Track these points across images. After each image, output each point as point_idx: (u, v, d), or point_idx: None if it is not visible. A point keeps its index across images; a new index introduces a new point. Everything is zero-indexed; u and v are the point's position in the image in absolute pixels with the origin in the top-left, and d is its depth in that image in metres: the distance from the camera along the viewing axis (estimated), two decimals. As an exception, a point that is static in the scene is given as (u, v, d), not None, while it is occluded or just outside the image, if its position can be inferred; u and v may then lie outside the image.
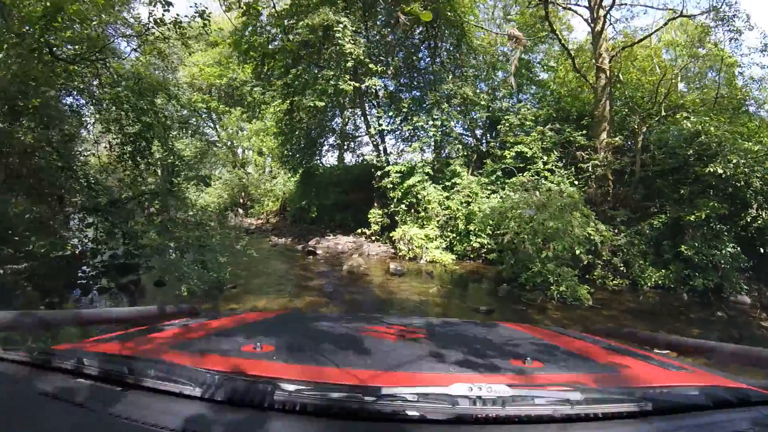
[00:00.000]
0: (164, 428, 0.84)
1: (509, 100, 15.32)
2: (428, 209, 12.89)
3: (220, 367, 1.11)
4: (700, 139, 10.70)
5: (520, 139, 13.57)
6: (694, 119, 11.07)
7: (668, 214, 11.17)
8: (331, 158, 19.99)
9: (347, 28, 11.96)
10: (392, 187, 13.43)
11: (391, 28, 14.49)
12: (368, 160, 17.07)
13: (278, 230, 19.41)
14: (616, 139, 13.30)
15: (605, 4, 13.82)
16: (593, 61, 14.35)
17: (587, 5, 14.19)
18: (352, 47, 11.89)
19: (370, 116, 15.43)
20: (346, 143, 18.71)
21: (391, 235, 13.36)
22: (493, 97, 15.58)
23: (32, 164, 6.78)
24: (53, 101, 7.55)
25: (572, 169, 13.01)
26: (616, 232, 11.41)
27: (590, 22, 14.28)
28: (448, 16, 13.67)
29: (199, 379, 0.97)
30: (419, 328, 2.14)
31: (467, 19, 14.75)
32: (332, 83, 12.13)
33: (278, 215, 22.19)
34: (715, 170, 9.97)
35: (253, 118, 21.30)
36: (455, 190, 13.21)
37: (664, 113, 13.70)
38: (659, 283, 10.63)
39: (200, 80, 25.49)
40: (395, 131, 15.12)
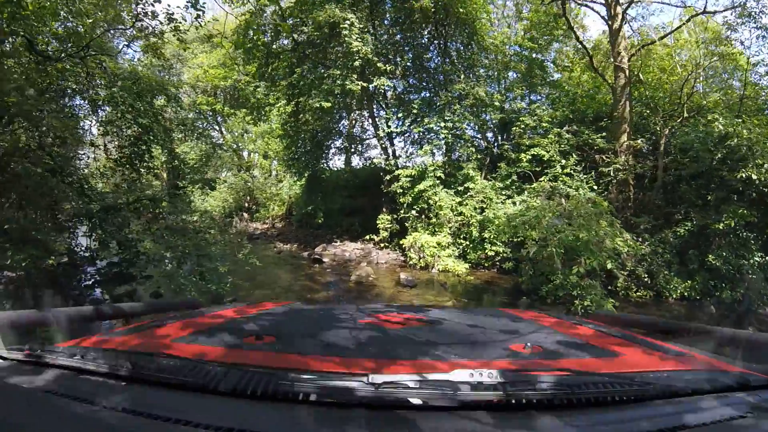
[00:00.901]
0: (168, 420, 0.83)
1: (523, 100, 14.65)
2: (440, 215, 12.28)
3: (222, 359, 1.16)
4: (729, 142, 9.99)
5: (536, 141, 12.95)
6: (724, 121, 10.37)
7: (694, 221, 10.51)
8: (337, 162, 19.46)
9: (354, 25, 11.42)
10: (402, 191, 12.83)
11: (399, 26, 13.95)
12: (376, 163, 16.50)
13: (284, 235, 18.91)
14: (638, 141, 12.69)
15: (622, 0, 13.19)
16: (611, 60, 13.78)
17: (604, 2, 13.55)
18: (359, 45, 11.35)
19: (378, 118, 14.87)
20: (353, 146, 18.16)
21: (401, 242, 12.74)
22: (505, 98, 14.95)
23: (12, 169, 6.26)
24: (35, 101, 7.00)
25: (592, 173, 12.38)
26: (639, 240, 10.76)
27: (607, 19, 13.66)
28: (459, 13, 13.08)
29: (202, 371, 0.98)
30: (420, 316, 2.13)
31: (478, 16, 14.15)
32: (339, 83, 11.59)
33: (284, 220, 21.74)
34: (748, 175, 9.28)
35: (258, 120, 20.86)
36: (468, 195, 12.59)
37: (686, 114, 12.99)
38: (684, 294, 10.03)
39: (204, 82, 25.18)
40: (404, 133, 14.53)
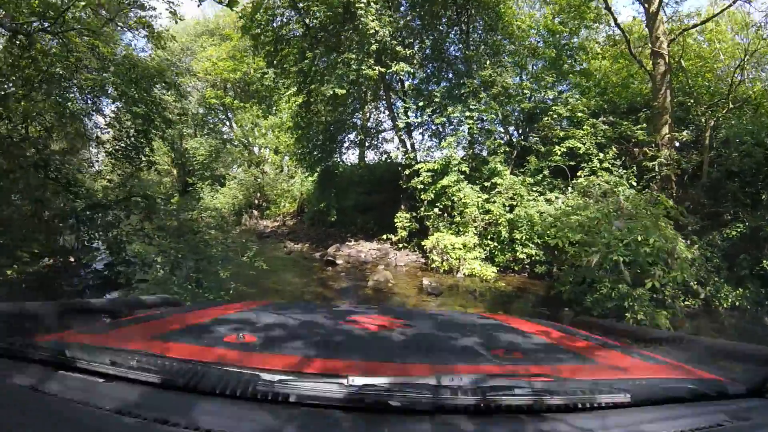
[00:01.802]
0: (147, 419, 0.82)
1: (553, 89, 13.36)
2: (464, 213, 11.14)
3: (203, 357, 1.13)
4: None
5: (571, 132, 11.75)
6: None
7: (746, 222, 9.46)
8: (351, 156, 18.36)
9: (371, 4, 10.30)
10: (423, 187, 11.72)
11: (417, 10, 12.80)
12: (393, 157, 15.50)
13: (294, 234, 17.97)
14: (683, 133, 11.51)
15: (660, -20, 11.90)
16: (647, 46, 12.54)
17: (640, -19, 12.25)
18: (377, 25, 10.23)
19: (395, 109, 13.70)
20: (368, 139, 17.04)
21: (422, 243, 11.61)
22: (533, 87, 13.69)
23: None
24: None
25: (633, 167, 11.24)
26: (688, 243, 9.57)
27: (643, 1, 12.35)
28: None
29: (181, 369, 0.96)
30: (402, 318, 2.10)
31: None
32: (354, 68, 10.49)
33: (295, 217, 20.82)
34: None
35: (267, 111, 20.04)
36: (496, 191, 11.43)
37: (731, 105, 11.70)
38: (735, 303, 8.99)
39: (214, 75, 24.53)
40: (424, 125, 13.36)
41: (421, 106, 12.25)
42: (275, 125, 21.09)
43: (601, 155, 11.44)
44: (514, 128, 14.46)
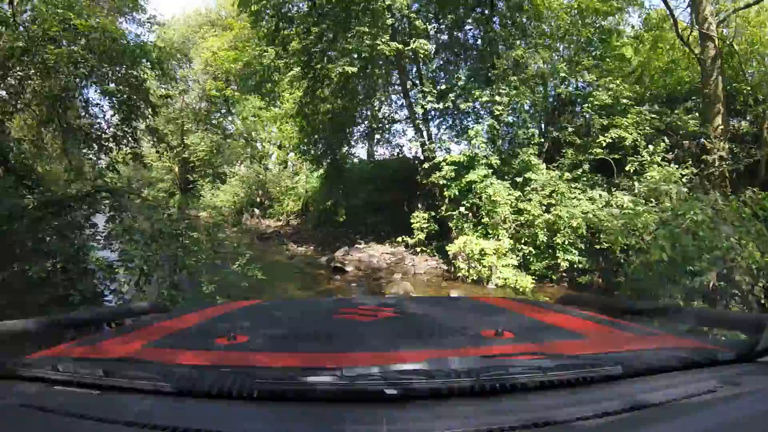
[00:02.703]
0: (145, 427, 0.81)
1: (590, 73, 11.80)
2: (494, 213, 9.59)
3: (195, 361, 1.13)
4: None
5: (616, 121, 10.21)
6: None
7: None
8: (360, 150, 16.75)
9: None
10: (446, 183, 10.16)
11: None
12: (406, 151, 14.05)
13: (299, 235, 16.54)
14: (743, 123, 10.46)
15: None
16: (692, 28, 11.07)
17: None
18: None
19: (412, 98, 12.09)
20: (378, 132, 15.41)
21: (446, 248, 10.02)
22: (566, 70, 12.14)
23: None
24: None
25: (689, 162, 9.73)
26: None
27: (689, -24, 10.92)
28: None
29: (175, 374, 0.96)
30: (392, 307, 2.07)
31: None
32: (368, 43, 8.98)
33: (300, 217, 19.43)
34: None
35: (270, 103, 18.58)
36: (532, 188, 9.88)
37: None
38: None
39: (214, 66, 23.36)
40: (446, 112, 11.74)
41: (443, 90, 10.66)
42: (278, 116, 19.64)
43: (650, 147, 9.93)
44: (546, 115, 12.89)
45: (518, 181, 10.19)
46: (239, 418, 0.84)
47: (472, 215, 10.21)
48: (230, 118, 25.07)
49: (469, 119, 11.88)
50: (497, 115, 10.29)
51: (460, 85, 10.72)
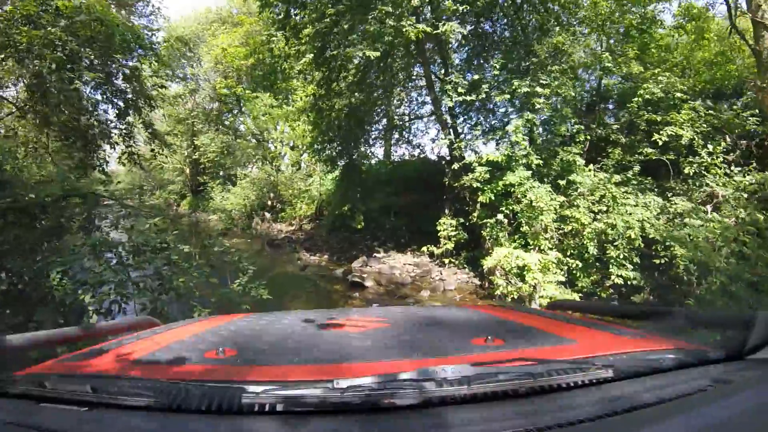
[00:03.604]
0: None
1: (638, 62, 10.46)
2: (535, 222, 8.32)
3: (184, 375, 1.11)
4: None
5: (671, 117, 8.90)
6: None
7: None
8: (378, 150, 15.56)
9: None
10: (479, 186, 8.91)
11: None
12: (428, 151, 12.85)
13: (312, 241, 15.40)
14: None
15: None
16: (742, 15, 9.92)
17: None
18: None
19: (438, 91, 10.86)
20: (397, 131, 14.18)
21: (482, 262, 8.73)
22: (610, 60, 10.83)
23: None
24: None
25: (753, 163, 8.55)
26: None
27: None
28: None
29: (164, 390, 0.93)
30: (381, 318, 2.01)
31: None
32: (391, 24, 7.81)
33: (313, 221, 18.32)
34: None
35: (283, 100, 17.58)
36: (578, 192, 8.60)
37: None
38: None
39: (225, 64, 22.60)
40: (473, 106, 10.49)
41: (475, 80, 9.40)
42: (290, 113, 18.62)
43: (709, 147, 8.62)
44: (583, 113, 11.60)
45: (561, 184, 8.93)
46: None
47: (507, 223, 8.96)
48: (241, 117, 24.29)
49: (498, 115, 10.71)
50: (537, 108, 9.03)
51: (494, 74, 9.47)
